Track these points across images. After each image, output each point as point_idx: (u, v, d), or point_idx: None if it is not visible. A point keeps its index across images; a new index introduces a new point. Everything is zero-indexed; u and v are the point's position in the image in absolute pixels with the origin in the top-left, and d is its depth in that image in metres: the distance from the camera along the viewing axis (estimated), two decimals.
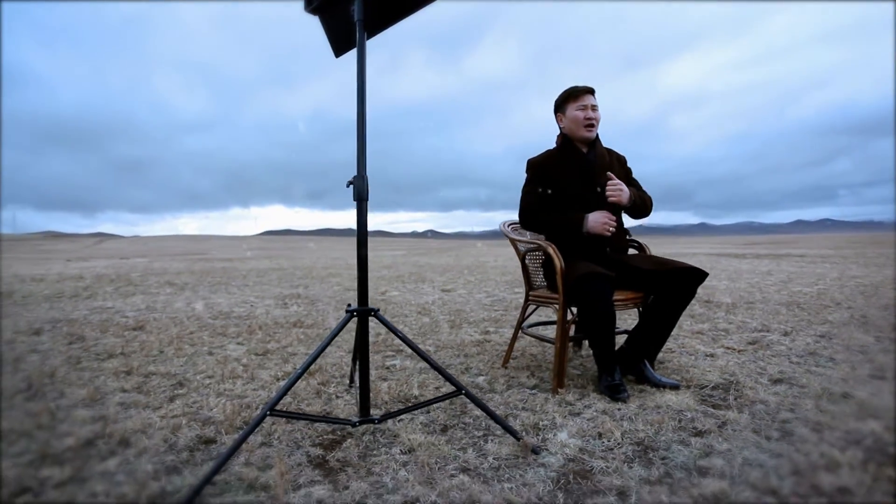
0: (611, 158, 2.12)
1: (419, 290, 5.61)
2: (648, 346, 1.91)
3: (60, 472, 1.22)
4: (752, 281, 5.94)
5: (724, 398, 1.73)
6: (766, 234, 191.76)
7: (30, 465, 1.26)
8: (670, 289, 1.83)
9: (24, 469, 1.23)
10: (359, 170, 1.43)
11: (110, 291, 5.48)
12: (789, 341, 2.61)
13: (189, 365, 2.28)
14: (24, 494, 1.11)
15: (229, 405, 1.67)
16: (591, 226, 1.89)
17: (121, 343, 2.75)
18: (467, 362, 2.31)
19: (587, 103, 2.03)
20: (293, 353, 2.51)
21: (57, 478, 1.19)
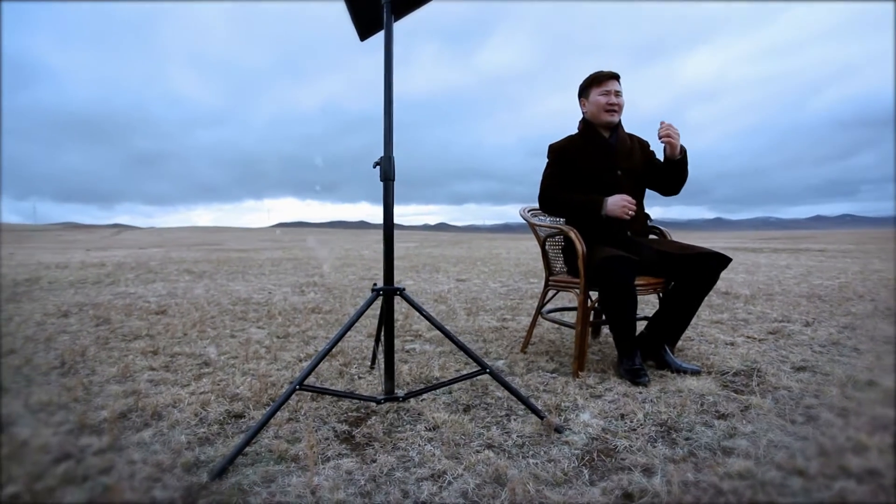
0: (632, 143, 2.10)
1: (434, 279, 5.63)
2: (669, 332, 1.91)
3: (99, 440, 1.27)
4: (771, 274, 5.85)
5: (747, 384, 1.72)
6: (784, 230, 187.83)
7: (69, 433, 1.31)
8: (692, 273, 1.81)
9: (65, 437, 1.28)
10: (385, 150, 1.45)
11: (131, 278, 5.60)
12: (811, 331, 2.57)
13: (213, 346, 2.33)
14: (67, 461, 1.16)
15: (255, 383, 1.71)
16: (609, 208, 1.88)
17: (145, 326, 2.82)
18: (486, 347, 2.33)
19: (610, 89, 2.02)
20: (313, 336, 2.55)
21: (96, 446, 1.24)
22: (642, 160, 2.07)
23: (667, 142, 1.86)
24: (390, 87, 1.45)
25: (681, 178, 1.98)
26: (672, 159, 1.93)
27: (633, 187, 2.02)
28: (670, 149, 1.89)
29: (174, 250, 14.73)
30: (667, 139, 1.85)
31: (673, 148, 1.88)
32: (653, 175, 2.06)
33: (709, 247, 1.93)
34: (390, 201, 1.44)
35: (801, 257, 8.95)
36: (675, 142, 1.86)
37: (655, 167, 2.07)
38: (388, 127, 1.45)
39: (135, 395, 1.61)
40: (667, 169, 1.97)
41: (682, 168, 1.95)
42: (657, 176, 2.04)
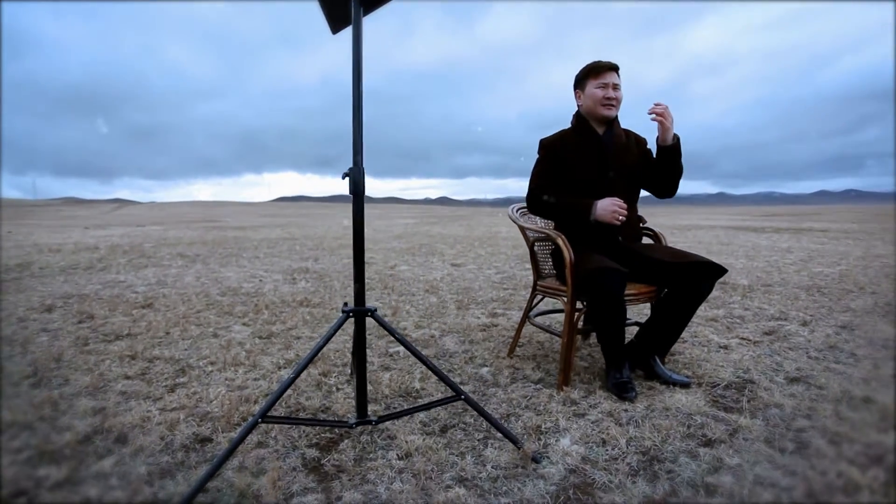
0: (628, 140, 1.97)
1: (429, 264, 5.56)
2: (660, 342, 1.84)
3: (57, 471, 1.22)
4: (771, 259, 5.76)
5: (737, 399, 1.66)
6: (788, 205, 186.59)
7: (28, 462, 1.26)
8: (686, 283, 1.73)
9: (22, 468, 1.24)
10: (355, 160, 1.34)
11: (123, 263, 5.54)
12: (808, 332, 2.51)
13: (193, 349, 2.28)
14: (21, 497, 1.11)
15: (228, 398, 1.66)
16: (599, 213, 1.78)
17: (128, 322, 2.77)
18: (472, 350, 2.27)
19: (608, 81, 1.88)
20: (297, 336, 2.50)
21: (53, 478, 1.19)
22: (637, 159, 1.96)
23: (659, 121, 1.74)
24: (359, 87, 1.33)
25: (674, 172, 1.86)
26: (664, 145, 1.81)
27: (626, 189, 1.92)
28: (662, 131, 1.77)
29: (173, 228, 14.64)
30: (659, 118, 1.73)
31: (665, 130, 1.76)
32: (647, 174, 1.95)
33: (711, 224, 1.84)
34: (360, 217, 1.34)
35: (803, 238, 8.83)
36: (668, 124, 1.74)
37: (650, 165, 1.95)
38: (358, 132, 1.34)
39: (102, 413, 1.55)
40: (659, 160, 1.86)
41: (676, 157, 1.83)
42: (651, 174, 1.93)
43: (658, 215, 26.70)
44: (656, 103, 1.74)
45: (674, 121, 1.76)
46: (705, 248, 7.22)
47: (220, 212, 52.43)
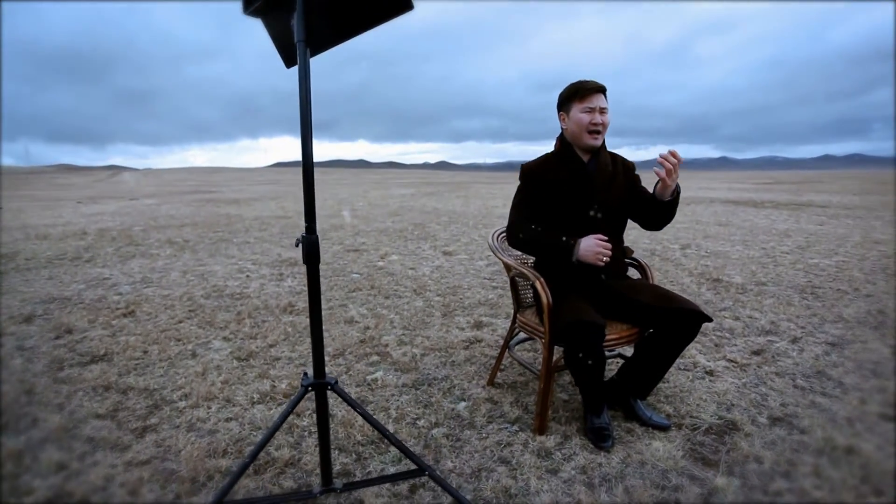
0: (615, 169, 1.85)
1: (420, 252, 5.48)
2: (640, 384, 1.78)
3: None
4: (768, 246, 5.67)
5: (716, 449, 1.63)
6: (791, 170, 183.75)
7: None
8: (669, 330, 1.66)
9: None
10: (308, 223, 1.24)
11: (110, 253, 5.46)
12: (797, 352, 2.46)
13: (169, 376, 2.24)
14: None
15: (196, 449, 1.63)
16: (582, 254, 1.68)
17: (107, 337, 2.72)
18: (452, 376, 2.23)
19: (595, 105, 1.74)
20: (276, 357, 2.45)
21: None
22: (624, 189, 1.84)
23: (662, 178, 1.60)
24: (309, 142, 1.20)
25: (666, 219, 1.76)
26: (661, 199, 1.69)
27: (611, 224, 1.81)
28: (662, 186, 1.64)
29: (167, 200, 14.44)
30: (662, 176, 1.59)
31: (666, 187, 1.63)
32: (635, 206, 1.83)
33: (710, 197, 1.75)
34: (316, 285, 1.25)
35: (802, 217, 8.70)
36: (670, 182, 1.61)
37: (639, 196, 1.83)
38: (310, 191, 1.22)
39: (66, 471, 1.52)
40: (653, 206, 1.74)
41: (671, 210, 1.72)
42: (640, 208, 1.82)
43: None
44: (672, 152, 1.57)
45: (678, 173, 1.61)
46: (702, 230, 7.11)
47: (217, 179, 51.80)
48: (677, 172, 1.59)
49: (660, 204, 1.70)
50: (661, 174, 1.59)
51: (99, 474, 1.50)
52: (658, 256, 5.16)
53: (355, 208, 11.34)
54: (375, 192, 19.34)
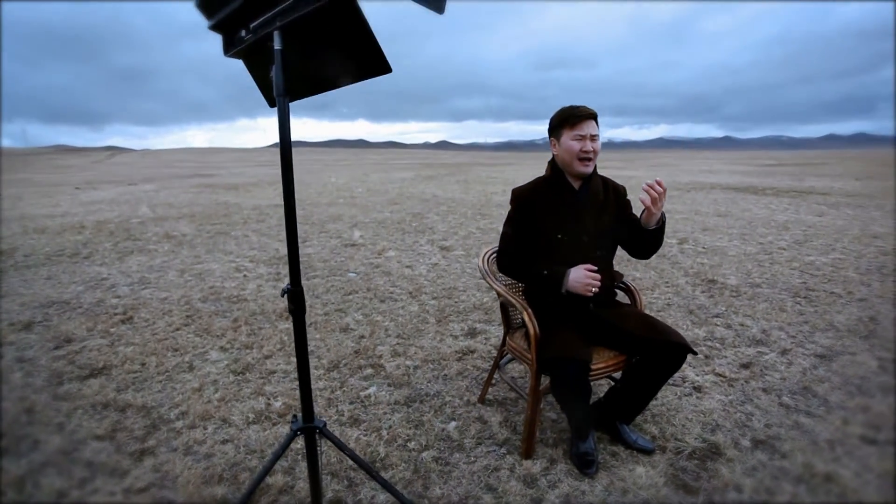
0: (606, 195, 1.85)
1: (417, 247, 5.49)
2: (626, 410, 1.82)
3: None
4: (766, 241, 5.66)
5: (698, 475, 1.67)
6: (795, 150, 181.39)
7: None
8: (654, 360, 1.68)
9: None
10: (292, 276, 1.25)
11: (108, 249, 5.48)
12: (786, 365, 2.50)
13: (166, 391, 2.28)
14: None
15: (194, 475, 1.67)
16: (571, 285, 1.69)
17: (106, 347, 2.76)
18: (444, 392, 2.27)
19: (586, 133, 1.72)
20: (272, 371, 2.49)
21: None
22: (614, 216, 1.84)
23: (647, 206, 1.61)
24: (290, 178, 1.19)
25: (653, 248, 1.77)
26: (646, 227, 1.70)
27: (601, 251, 1.81)
28: (647, 215, 1.65)
29: (166, 185, 14.36)
30: (648, 205, 1.60)
31: (651, 215, 1.64)
32: (624, 234, 1.83)
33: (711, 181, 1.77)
34: (303, 335, 1.27)
35: (802, 207, 8.65)
36: (655, 210, 1.61)
37: (629, 222, 1.83)
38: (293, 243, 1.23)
39: (66, 499, 1.57)
40: (639, 235, 1.74)
41: (657, 239, 1.73)
42: (628, 235, 1.82)
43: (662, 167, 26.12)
44: (657, 181, 1.58)
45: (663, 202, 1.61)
46: (701, 221, 7.09)
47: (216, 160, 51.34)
48: (663, 201, 1.60)
49: (645, 232, 1.70)
50: (647, 202, 1.59)
51: (99, 502, 1.55)
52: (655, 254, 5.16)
53: (354, 195, 11.28)
54: (375, 175, 19.20)
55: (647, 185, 1.58)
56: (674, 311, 3.34)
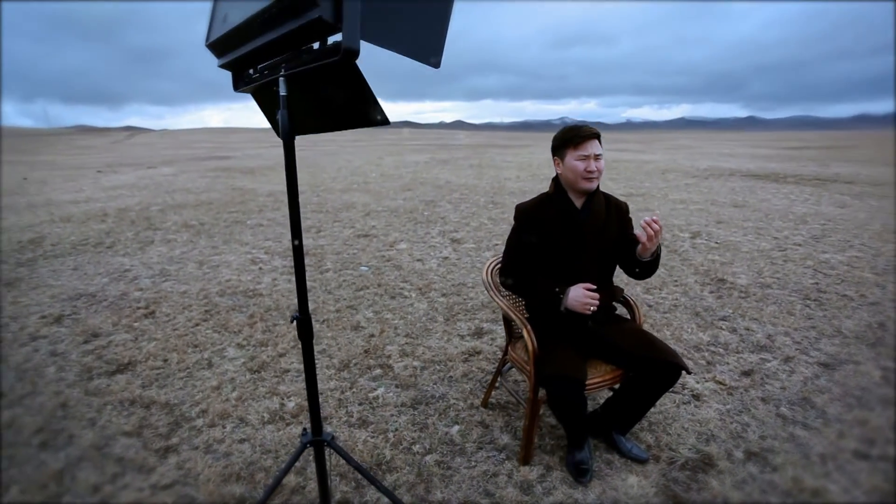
0: (608, 213, 1.87)
1: (428, 239, 5.56)
2: (621, 421, 1.89)
3: None
4: (781, 236, 5.58)
5: (688, 487, 1.74)
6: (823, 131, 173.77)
7: None
8: (647, 377, 1.74)
9: None
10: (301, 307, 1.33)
11: (130, 238, 5.68)
12: (787, 374, 2.52)
13: (187, 388, 2.43)
14: None
15: (214, 473, 1.81)
16: (570, 303, 1.75)
17: (130, 342, 2.93)
18: (449, 395, 2.37)
19: (590, 153, 1.75)
20: (286, 369, 2.62)
21: None
22: (616, 234, 1.87)
23: (642, 242, 1.65)
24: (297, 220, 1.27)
25: (646, 275, 1.81)
26: (640, 258, 1.74)
27: (601, 270, 1.86)
28: (642, 248, 1.68)
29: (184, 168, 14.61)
30: (643, 241, 1.63)
31: (644, 249, 1.67)
32: (622, 253, 1.87)
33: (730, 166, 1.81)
34: (311, 358, 1.36)
35: (824, 197, 8.42)
36: (650, 247, 1.65)
37: (628, 242, 1.86)
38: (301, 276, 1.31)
39: (99, 494, 1.72)
40: (634, 261, 1.79)
41: (650, 269, 1.78)
42: (626, 256, 1.85)
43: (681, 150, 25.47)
44: (654, 219, 1.61)
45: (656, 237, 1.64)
46: (716, 212, 6.99)
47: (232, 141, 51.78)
48: (658, 238, 1.63)
49: (639, 262, 1.74)
50: (643, 239, 1.62)
51: (129, 497, 1.70)
52: (667, 247, 5.14)
53: (368, 181, 11.34)
54: (390, 158, 19.16)
55: (644, 222, 1.62)
56: (680, 312, 3.37)
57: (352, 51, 0.89)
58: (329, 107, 1.18)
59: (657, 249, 1.71)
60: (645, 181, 11.01)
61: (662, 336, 2.99)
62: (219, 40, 1.18)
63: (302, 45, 1.02)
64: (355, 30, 0.88)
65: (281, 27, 0.97)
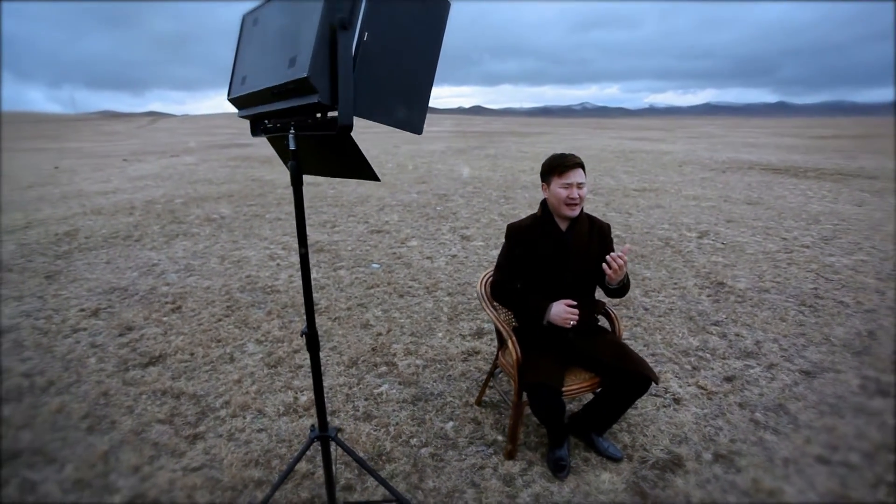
0: (591, 235, 2.04)
1: (439, 236, 5.75)
2: (598, 423, 2.08)
3: None
4: (790, 237, 5.59)
5: (656, 484, 1.93)
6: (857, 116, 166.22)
7: None
8: (620, 385, 1.92)
9: None
10: (308, 321, 1.54)
11: (157, 232, 6.02)
12: (768, 380, 2.66)
13: (212, 381, 2.70)
14: None
15: (237, 459, 2.07)
16: (552, 318, 1.93)
17: (160, 336, 3.22)
18: (446, 393, 2.59)
19: (573, 181, 1.91)
20: (300, 365, 2.87)
21: None
22: (597, 253, 2.03)
23: (608, 273, 1.83)
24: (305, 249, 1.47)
25: (617, 296, 2.00)
26: (608, 285, 1.92)
27: (582, 287, 2.03)
28: (608, 278, 1.86)
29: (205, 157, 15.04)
30: (609, 274, 1.82)
31: (610, 279, 1.86)
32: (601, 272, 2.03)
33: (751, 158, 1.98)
34: (318, 363, 1.58)
35: (843, 194, 8.29)
36: (612, 277, 1.84)
37: None
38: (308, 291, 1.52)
39: (139, 473, 2.00)
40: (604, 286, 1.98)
41: (618, 293, 1.99)
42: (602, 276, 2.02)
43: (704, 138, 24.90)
44: (621, 255, 1.80)
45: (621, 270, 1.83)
46: (728, 210, 6.98)
47: None
48: (623, 272, 1.81)
49: (607, 288, 1.94)
50: (608, 272, 1.80)
51: (164, 478, 1.97)
52: (672, 248, 5.23)
53: (383, 172, 11.53)
54: (406, 147, 19.27)
55: (610, 257, 1.79)
56: (674, 316, 3.50)
57: (346, 126, 1.08)
58: (330, 159, 1.37)
59: (624, 279, 1.88)
60: (660, 174, 10.94)
61: (653, 340, 3.15)
62: (238, 99, 1.38)
63: (306, 115, 1.21)
64: (349, 110, 1.07)
65: (288, 101, 1.16)
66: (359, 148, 1.20)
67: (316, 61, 1.01)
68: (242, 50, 1.40)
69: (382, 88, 1.10)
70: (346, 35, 1.02)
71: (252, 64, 1.32)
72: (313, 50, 1.01)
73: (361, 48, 1.06)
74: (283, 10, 1.20)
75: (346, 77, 1.02)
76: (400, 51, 1.11)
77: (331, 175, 1.44)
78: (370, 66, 1.07)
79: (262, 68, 1.24)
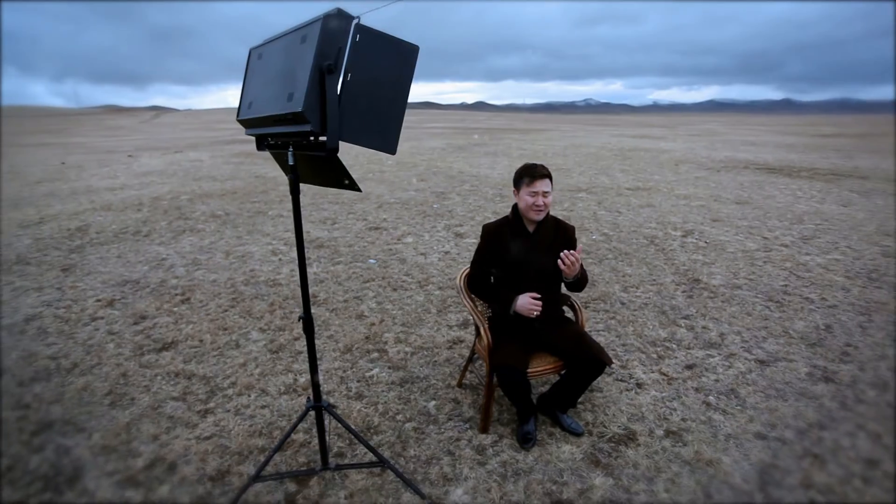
0: (556, 236, 2.29)
1: (434, 232, 6.01)
2: (561, 401, 2.34)
3: (136, 493, 1.96)
4: (771, 236, 5.83)
5: (609, 454, 2.20)
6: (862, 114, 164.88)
7: (118, 485, 2.00)
8: (579, 368, 2.18)
9: (115, 489, 1.98)
10: (305, 307, 1.81)
11: (164, 227, 6.31)
12: (725, 368, 2.92)
13: (220, 364, 2.98)
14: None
15: (243, 430, 2.35)
16: (518, 308, 2.19)
17: (171, 324, 3.51)
18: (431, 376, 2.86)
19: (539, 189, 2.17)
20: (299, 351, 3.15)
21: (134, 501, 1.92)
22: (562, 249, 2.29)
23: (563, 270, 2.09)
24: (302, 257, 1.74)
25: (575, 290, 2.27)
26: (565, 279, 2.19)
27: (547, 282, 2.29)
28: (563, 273, 2.12)
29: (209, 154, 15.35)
30: (564, 270, 2.08)
31: (566, 274, 2.12)
32: None
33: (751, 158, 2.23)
34: (313, 349, 1.85)
35: (832, 194, 8.50)
36: (567, 272, 2.10)
37: None
38: (305, 286, 1.79)
39: (158, 441, 2.28)
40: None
41: (574, 286, 2.25)
42: None
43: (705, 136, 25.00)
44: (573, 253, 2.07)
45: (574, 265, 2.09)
46: (716, 209, 7.21)
47: None
48: (576, 268, 2.07)
49: (565, 281, 2.21)
50: (562, 268, 2.07)
51: (180, 445, 2.25)
52: (656, 246, 5.47)
53: (384, 169, 11.78)
54: (407, 143, 19.50)
55: (563, 254, 2.06)
56: (648, 311, 3.76)
57: (333, 149, 1.34)
58: (322, 173, 1.63)
59: (580, 273, 2.14)
60: (655, 174, 11.14)
61: (625, 332, 3.41)
62: (246, 121, 1.64)
63: (302, 138, 1.47)
64: (336, 136, 1.33)
65: (287, 126, 1.42)
66: (344, 166, 1.46)
67: (309, 98, 1.27)
68: (249, 79, 1.66)
69: (362, 118, 1.36)
70: (333, 78, 1.28)
71: (257, 92, 1.58)
72: (307, 89, 1.27)
73: (345, 87, 1.32)
74: (283, 50, 1.45)
75: (333, 111, 1.29)
76: (377, 87, 1.37)
77: (323, 185, 1.70)
78: (352, 101, 1.33)
79: (265, 97, 1.50)
